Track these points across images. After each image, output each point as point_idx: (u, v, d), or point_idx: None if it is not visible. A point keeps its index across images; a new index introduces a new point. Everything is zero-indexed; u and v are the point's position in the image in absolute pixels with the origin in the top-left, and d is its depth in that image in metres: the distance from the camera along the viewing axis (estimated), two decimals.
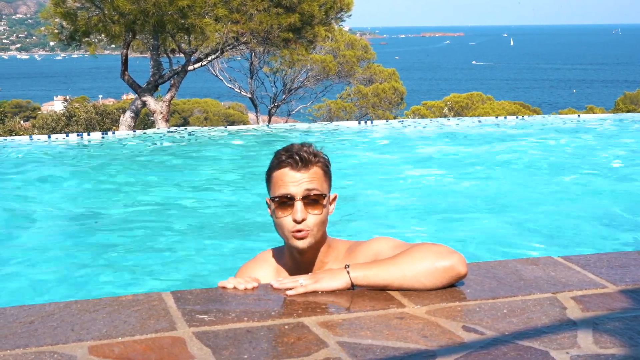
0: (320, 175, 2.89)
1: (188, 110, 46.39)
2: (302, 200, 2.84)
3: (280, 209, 2.86)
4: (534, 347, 2.29)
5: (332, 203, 2.99)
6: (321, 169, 2.90)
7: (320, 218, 2.87)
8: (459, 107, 33.41)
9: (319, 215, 2.86)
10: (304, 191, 2.84)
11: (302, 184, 2.84)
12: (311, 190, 2.84)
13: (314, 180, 2.86)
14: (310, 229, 2.86)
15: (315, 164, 2.88)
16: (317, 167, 2.89)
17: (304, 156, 2.85)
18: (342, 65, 30.15)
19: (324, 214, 2.88)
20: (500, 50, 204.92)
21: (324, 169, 2.91)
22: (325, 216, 2.90)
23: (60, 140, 14.61)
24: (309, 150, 2.88)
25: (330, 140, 14.13)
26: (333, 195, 2.98)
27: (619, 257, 3.19)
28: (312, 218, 2.86)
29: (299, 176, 2.84)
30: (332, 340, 2.33)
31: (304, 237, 2.86)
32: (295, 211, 2.83)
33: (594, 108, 37.31)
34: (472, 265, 3.02)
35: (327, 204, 2.92)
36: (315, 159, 2.88)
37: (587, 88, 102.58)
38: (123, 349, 2.28)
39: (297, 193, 2.84)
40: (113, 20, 18.54)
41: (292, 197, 2.84)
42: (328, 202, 2.93)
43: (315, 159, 2.88)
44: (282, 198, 2.85)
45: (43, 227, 8.14)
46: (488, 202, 9.09)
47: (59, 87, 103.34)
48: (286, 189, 2.84)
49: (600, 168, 11.04)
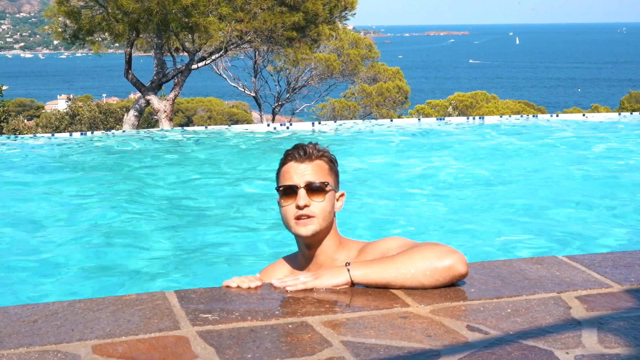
0: (324, 169, 2.97)
1: (192, 109, 46.42)
2: (304, 187, 2.90)
3: (284, 197, 2.94)
4: (538, 346, 2.29)
5: (340, 200, 3.04)
6: (326, 164, 2.98)
7: (324, 205, 2.92)
8: (463, 106, 33.39)
9: (322, 202, 2.92)
10: (306, 181, 2.91)
11: (305, 175, 2.92)
12: (313, 182, 2.91)
13: (317, 172, 2.94)
14: (314, 215, 2.90)
15: (319, 158, 2.97)
16: (321, 161, 2.98)
17: (308, 150, 2.95)
18: (346, 64, 30.13)
19: (326, 201, 2.93)
20: (506, 49, 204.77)
21: (329, 164, 2.99)
22: (330, 206, 2.95)
23: (62, 139, 14.62)
24: (314, 146, 2.97)
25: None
26: (340, 192, 3.05)
27: (623, 256, 3.18)
28: (315, 205, 2.91)
29: (303, 167, 2.93)
30: (336, 340, 2.33)
31: (306, 224, 2.90)
32: (298, 198, 2.90)
33: (599, 107, 37.28)
34: (476, 264, 3.02)
35: (333, 196, 2.98)
36: (318, 153, 2.97)
37: (592, 87, 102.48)
38: (127, 348, 2.28)
39: (300, 182, 2.91)
40: (117, 19, 18.56)
41: (295, 187, 2.91)
42: (334, 196, 2.99)
43: (319, 154, 2.97)
44: (285, 187, 2.93)
45: (45, 228, 8.14)
46: (492, 201, 9.08)
47: (62, 86, 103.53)
48: (290, 180, 2.93)
49: (604, 167, 11.02)
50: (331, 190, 2.96)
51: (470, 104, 33.68)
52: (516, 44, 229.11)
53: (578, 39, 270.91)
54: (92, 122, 32.47)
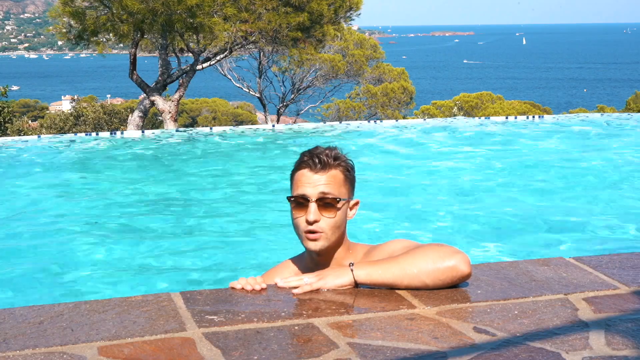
0: (339, 180, 2.88)
1: (196, 109, 46.47)
2: (316, 202, 2.84)
3: (296, 209, 2.88)
4: (545, 348, 2.28)
5: (354, 208, 2.96)
6: (341, 173, 2.89)
7: (334, 222, 2.86)
8: (468, 107, 33.37)
9: (332, 218, 2.85)
10: (319, 193, 2.84)
11: (319, 186, 2.84)
12: (326, 194, 2.84)
13: (330, 184, 2.85)
14: (323, 231, 2.86)
15: (335, 167, 2.87)
16: (337, 171, 2.88)
17: (323, 159, 2.85)
18: (351, 64, 30.14)
19: (337, 217, 2.86)
20: (511, 50, 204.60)
21: (345, 173, 2.90)
22: (340, 220, 2.88)
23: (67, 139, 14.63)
24: (330, 154, 2.87)
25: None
26: (354, 200, 2.96)
27: (631, 257, 3.17)
28: (325, 221, 2.85)
29: (316, 178, 2.85)
30: (343, 341, 2.33)
31: (316, 239, 2.86)
32: (308, 212, 2.84)
33: (605, 107, 37.22)
34: (482, 266, 3.01)
35: (345, 208, 2.91)
36: (334, 162, 2.87)
37: (598, 87, 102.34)
38: (132, 349, 2.28)
39: (312, 194, 2.84)
40: (121, 20, 18.57)
41: (307, 198, 2.84)
42: (347, 207, 2.92)
43: (335, 162, 2.87)
44: (297, 198, 2.87)
45: (47, 227, 8.14)
46: (497, 201, 9.07)
47: (66, 87, 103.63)
48: (303, 190, 2.86)
49: (610, 167, 10.99)
50: (344, 204, 2.89)
51: (476, 104, 33.65)
52: (522, 45, 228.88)
53: (584, 39, 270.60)
54: (97, 122, 32.50)
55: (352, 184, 2.94)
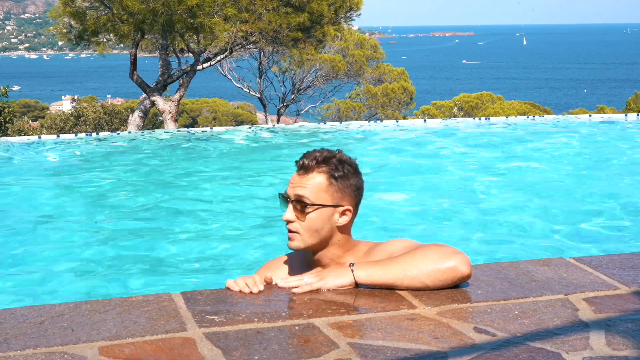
0: (318, 184, 2.85)
1: (197, 110, 46.46)
2: (292, 202, 2.88)
3: (281, 205, 2.93)
4: (545, 348, 2.28)
5: (345, 214, 2.90)
6: (325, 179, 2.85)
7: (304, 225, 2.86)
8: (468, 107, 33.35)
9: (301, 222, 2.86)
10: (294, 195, 2.87)
11: (296, 187, 2.87)
12: (300, 197, 2.85)
13: (307, 187, 2.85)
14: (297, 232, 2.88)
15: (316, 171, 2.85)
16: (319, 175, 2.85)
17: (306, 162, 2.86)
18: (351, 64, 30.12)
19: (311, 222, 2.85)
20: (511, 50, 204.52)
21: (329, 179, 2.85)
22: (317, 225, 2.85)
23: (69, 138, 14.64)
24: (319, 157, 2.86)
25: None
26: (345, 207, 2.88)
27: (631, 258, 3.17)
28: (300, 223, 2.87)
29: (296, 180, 2.88)
30: (343, 342, 2.33)
31: (291, 239, 2.89)
32: (286, 210, 2.89)
33: (605, 108, 37.20)
34: (482, 266, 3.02)
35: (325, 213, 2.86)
36: (316, 166, 2.85)
37: (598, 88, 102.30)
38: (133, 349, 2.28)
39: (290, 195, 2.89)
40: (122, 20, 18.57)
41: (287, 197, 2.90)
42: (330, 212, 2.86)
43: (317, 167, 2.85)
44: (281, 195, 2.92)
45: (48, 227, 8.15)
46: (497, 201, 9.07)
47: (67, 87, 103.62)
48: (287, 189, 2.92)
49: (610, 167, 11.00)
50: (316, 209, 2.84)
51: (476, 104, 33.62)
52: (523, 45, 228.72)
53: (584, 39, 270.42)
54: (97, 123, 32.50)
55: (343, 191, 2.87)
